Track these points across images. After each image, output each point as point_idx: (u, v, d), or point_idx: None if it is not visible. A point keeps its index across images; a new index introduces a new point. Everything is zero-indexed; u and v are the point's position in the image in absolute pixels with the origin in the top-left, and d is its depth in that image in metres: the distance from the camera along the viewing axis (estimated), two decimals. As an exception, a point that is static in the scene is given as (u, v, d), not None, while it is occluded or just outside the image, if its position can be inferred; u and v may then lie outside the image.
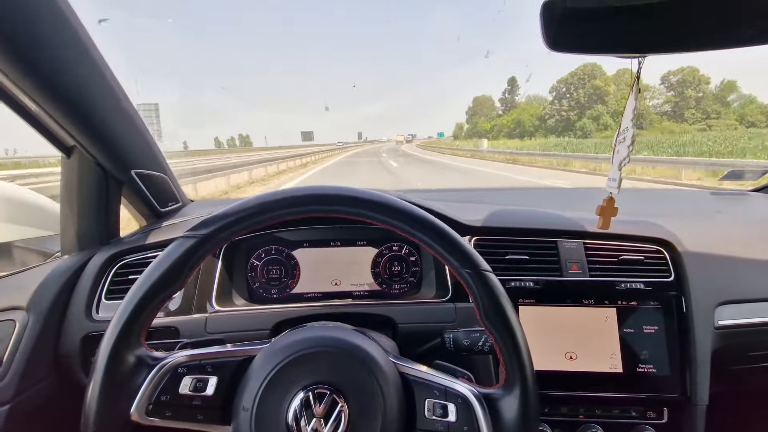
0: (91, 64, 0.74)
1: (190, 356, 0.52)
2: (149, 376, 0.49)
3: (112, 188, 0.92)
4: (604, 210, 0.75)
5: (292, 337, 0.54)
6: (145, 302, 0.49)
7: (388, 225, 0.51)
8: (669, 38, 0.64)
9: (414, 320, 0.86)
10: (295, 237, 0.98)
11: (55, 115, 0.73)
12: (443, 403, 0.50)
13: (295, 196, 0.52)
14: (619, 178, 0.72)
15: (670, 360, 0.83)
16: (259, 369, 0.50)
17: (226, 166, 12.33)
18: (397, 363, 0.53)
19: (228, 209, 0.51)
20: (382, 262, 0.98)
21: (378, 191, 0.54)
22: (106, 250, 0.91)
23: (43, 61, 0.65)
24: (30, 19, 0.61)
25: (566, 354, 0.84)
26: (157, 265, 0.50)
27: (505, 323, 0.50)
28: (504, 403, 0.49)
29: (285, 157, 20.12)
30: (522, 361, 0.49)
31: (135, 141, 0.91)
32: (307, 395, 0.48)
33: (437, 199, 1.08)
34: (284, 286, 0.97)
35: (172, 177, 1.10)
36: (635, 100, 0.70)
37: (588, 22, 0.63)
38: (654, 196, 1.49)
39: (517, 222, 0.95)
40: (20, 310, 0.76)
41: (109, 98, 0.80)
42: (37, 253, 0.97)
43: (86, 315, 0.83)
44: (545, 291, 0.87)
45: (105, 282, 0.88)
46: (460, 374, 0.54)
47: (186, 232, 0.51)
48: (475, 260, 0.51)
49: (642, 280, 0.86)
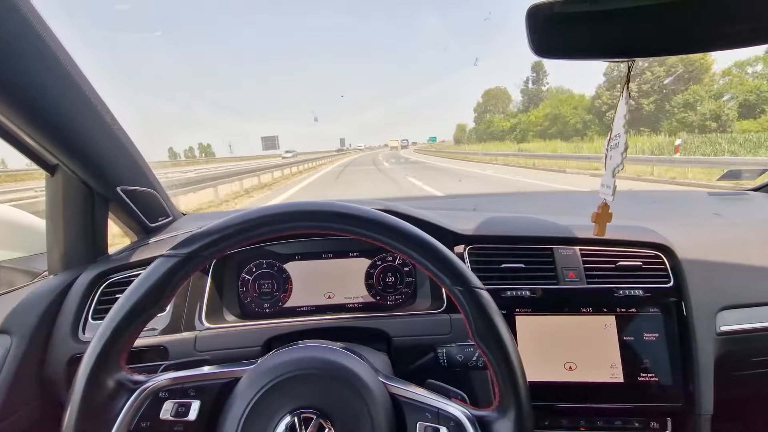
0: (69, 82, 0.72)
1: (171, 379, 0.50)
2: (129, 402, 0.47)
3: (98, 205, 0.91)
4: (600, 216, 0.74)
5: (277, 358, 0.52)
6: (125, 325, 0.47)
7: (377, 241, 0.50)
8: (658, 40, 0.63)
9: (408, 333, 0.84)
10: (287, 250, 0.97)
11: (35, 136, 0.72)
12: (436, 427, 0.48)
13: (280, 212, 0.50)
14: (613, 185, 0.70)
15: (672, 368, 0.81)
16: (244, 392, 0.49)
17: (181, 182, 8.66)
18: (387, 384, 0.51)
19: (211, 226, 0.50)
20: (376, 273, 0.96)
21: (365, 206, 0.52)
22: (93, 269, 0.89)
23: (20, 82, 0.64)
24: (6, 40, 0.60)
25: (565, 364, 0.82)
26: (137, 287, 0.48)
27: (497, 342, 0.48)
28: (498, 427, 0.48)
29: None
30: (516, 381, 0.47)
31: (120, 157, 0.89)
32: (293, 420, 0.46)
33: (430, 207, 1.07)
34: (276, 300, 0.95)
35: (161, 191, 1.08)
36: (626, 105, 0.69)
37: (575, 26, 0.62)
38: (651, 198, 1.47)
39: (511, 230, 0.94)
40: (3, 333, 0.74)
41: (91, 115, 0.78)
42: (24, 273, 0.95)
43: (72, 336, 0.81)
44: (542, 300, 0.85)
45: (92, 301, 0.86)
46: (453, 394, 0.52)
47: (168, 250, 0.49)
48: (466, 277, 0.49)
49: (641, 287, 0.84)
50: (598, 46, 0.63)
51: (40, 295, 0.81)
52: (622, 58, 0.64)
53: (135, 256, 0.92)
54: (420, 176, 13.64)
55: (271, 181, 14.76)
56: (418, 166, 21.74)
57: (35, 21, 0.64)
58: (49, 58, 0.67)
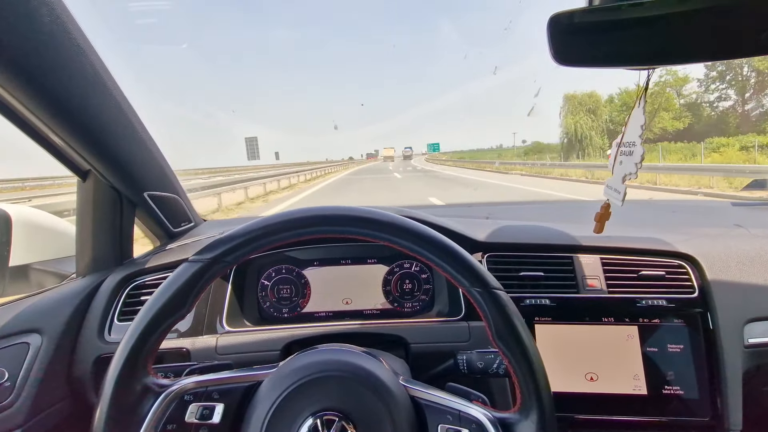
0: (105, 91, 0.76)
1: (196, 383, 0.51)
2: (155, 405, 0.48)
3: (126, 210, 0.94)
4: (602, 216, 0.75)
5: (300, 361, 0.53)
6: (151, 329, 0.48)
7: (395, 245, 0.51)
8: (679, 49, 0.63)
9: (426, 340, 0.84)
10: (306, 256, 0.98)
11: (71, 142, 0.75)
12: (457, 429, 0.48)
13: (302, 217, 0.51)
14: (623, 190, 0.70)
15: (699, 381, 0.79)
16: (267, 395, 0.49)
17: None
18: (408, 386, 0.52)
19: (234, 232, 0.51)
20: (393, 280, 0.97)
21: (385, 210, 0.53)
22: (119, 272, 0.92)
23: (59, 90, 0.67)
24: (45, 50, 0.64)
25: (586, 375, 0.81)
26: (163, 291, 0.49)
27: (518, 343, 0.48)
28: (520, 429, 0.47)
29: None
30: (538, 382, 0.47)
31: (148, 164, 0.93)
32: (316, 422, 0.46)
33: (446, 215, 1.07)
34: (295, 305, 0.96)
35: (184, 197, 1.12)
36: (643, 114, 0.69)
37: (596, 35, 0.63)
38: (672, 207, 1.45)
39: (530, 237, 0.93)
40: (35, 333, 0.77)
41: (124, 124, 0.82)
42: (53, 274, 0.99)
43: (99, 337, 0.84)
44: (562, 309, 0.84)
45: (118, 303, 0.89)
46: (474, 397, 0.52)
47: (192, 255, 0.51)
48: (485, 278, 0.49)
49: (664, 297, 0.82)
50: (618, 54, 0.64)
51: (69, 296, 0.84)
52: (642, 66, 0.64)
53: (159, 259, 0.95)
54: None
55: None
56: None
57: (76, 32, 0.68)
58: (88, 68, 0.71)
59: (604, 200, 0.76)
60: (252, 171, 21.42)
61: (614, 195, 0.72)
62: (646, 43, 0.62)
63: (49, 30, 0.63)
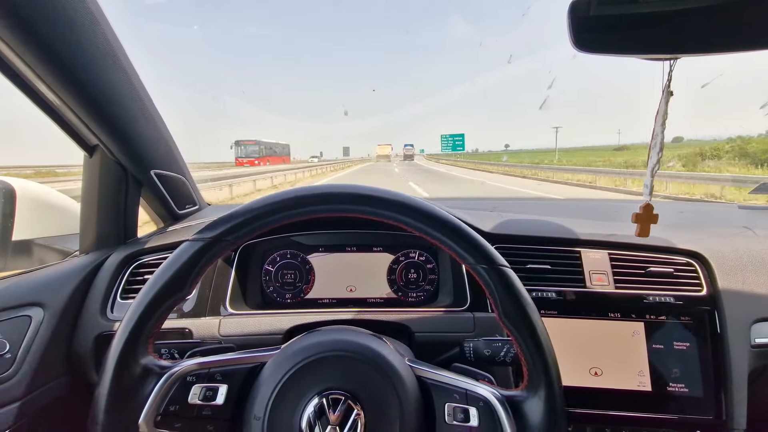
0: (119, 66, 0.75)
1: (199, 364, 0.50)
2: (157, 386, 0.48)
3: (131, 188, 0.93)
4: (640, 217, 0.72)
5: (304, 341, 0.52)
6: (152, 309, 0.47)
7: (399, 222, 0.49)
8: (700, 40, 0.62)
9: (430, 329, 0.84)
10: (311, 241, 0.97)
11: (81, 113, 0.75)
12: (464, 407, 0.47)
13: (301, 195, 0.50)
14: (651, 184, 0.69)
15: (704, 379, 0.78)
16: (271, 375, 0.48)
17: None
18: (414, 366, 0.51)
19: (235, 211, 0.49)
20: (399, 269, 0.96)
21: (389, 189, 0.52)
22: (123, 250, 0.91)
23: (74, 62, 0.67)
24: (65, 24, 0.63)
25: (591, 369, 0.80)
26: (164, 271, 0.48)
27: (525, 320, 0.47)
28: (528, 406, 0.47)
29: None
30: (546, 359, 0.46)
31: (156, 142, 0.92)
32: (322, 401, 0.46)
33: (455, 207, 1.06)
34: (298, 291, 0.96)
35: (190, 180, 1.11)
36: (666, 105, 0.68)
37: (616, 22, 0.62)
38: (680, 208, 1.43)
39: (538, 230, 0.92)
40: (37, 306, 0.76)
41: (134, 100, 0.81)
42: (57, 251, 0.98)
43: (101, 314, 0.83)
44: (568, 302, 0.83)
45: (121, 281, 0.88)
46: (480, 377, 0.52)
47: (194, 234, 0.49)
48: (491, 255, 0.48)
49: (672, 294, 0.82)
50: (639, 42, 0.63)
51: (72, 272, 0.84)
52: (664, 55, 0.63)
53: (163, 239, 0.94)
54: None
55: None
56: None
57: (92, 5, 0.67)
58: (101, 39, 0.70)
59: (639, 200, 0.73)
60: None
61: (645, 191, 0.70)
62: (669, 31, 0.60)
63: (71, 8, 0.62)
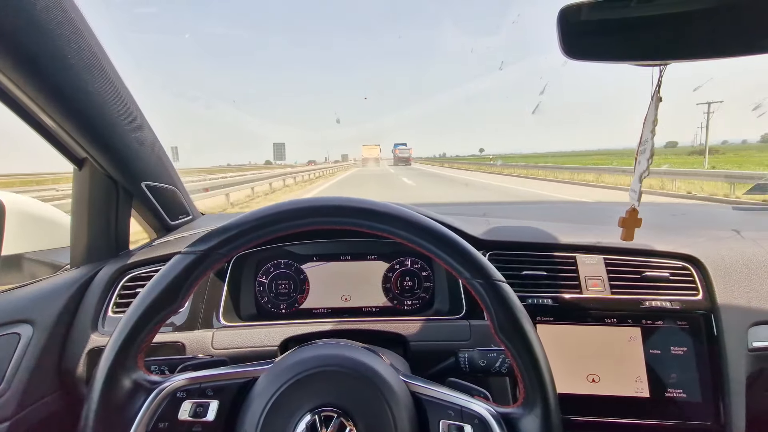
0: (104, 76, 0.74)
1: (189, 379, 0.49)
2: (147, 402, 0.47)
3: (122, 200, 0.92)
4: (626, 221, 0.72)
5: (297, 356, 0.51)
6: (142, 322, 0.46)
7: (393, 236, 0.49)
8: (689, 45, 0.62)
9: (426, 338, 0.83)
10: (305, 251, 0.96)
11: (68, 128, 0.74)
12: (459, 425, 0.46)
13: (298, 208, 0.49)
14: (639, 190, 0.69)
15: (701, 384, 0.78)
16: (263, 391, 0.47)
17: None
18: (408, 382, 0.50)
19: (227, 223, 0.49)
20: (393, 277, 0.95)
21: (384, 202, 0.52)
22: (114, 263, 0.90)
23: (55, 72, 0.66)
24: (48, 36, 0.62)
25: (588, 376, 0.79)
26: (155, 284, 0.47)
27: (521, 336, 0.46)
28: (524, 424, 0.46)
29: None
30: (542, 376, 0.46)
31: (146, 154, 0.91)
32: (314, 419, 0.45)
33: (447, 212, 1.06)
34: (293, 301, 0.95)
35: (182, 190, 1.10)
36: (655, 110, 0.68)
37: (605, 29, 0.62)
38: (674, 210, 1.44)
39: (532, 236, 0.92)
40: (26, 323, 0.75)
41: (121, 112, 0.80)
42: (47, 265, 0.97)
43: (92, 328, 0.82)
44: (564, 309, 0.83)
45: (112, 295, 0.87)
46: (475, 392, 0.51)
47: (185, 248, 0.48)
48: (487, 270, 0.48)
49: (668, 299, 0.81)
50: (629, 49, 0.63)
51: (62, 287, 0.82)
52: (653, 62, 0.63)
53: (155, 251, 0.93)
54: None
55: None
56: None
57: (73, 12, 0.66)
58: (85, 51, 0.69)
59: (629, 204, 0.73)
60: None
61: (633, 196, 0.70)
62: (658, 38, 0.61)
63: (45, 5, 0.61)
